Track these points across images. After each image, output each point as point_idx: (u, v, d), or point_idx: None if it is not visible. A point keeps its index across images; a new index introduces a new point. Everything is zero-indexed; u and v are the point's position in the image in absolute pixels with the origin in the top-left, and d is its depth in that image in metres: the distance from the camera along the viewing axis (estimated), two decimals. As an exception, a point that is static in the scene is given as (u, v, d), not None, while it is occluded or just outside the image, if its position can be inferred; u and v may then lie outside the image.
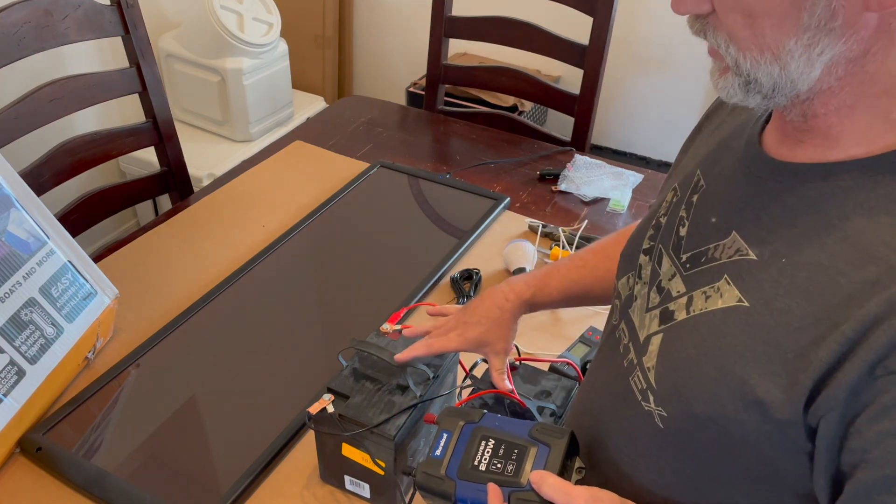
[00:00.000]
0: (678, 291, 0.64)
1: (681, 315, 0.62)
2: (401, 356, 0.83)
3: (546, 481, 0.62)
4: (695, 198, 0.66)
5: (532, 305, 0.89)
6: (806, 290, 0.53)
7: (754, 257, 0.58)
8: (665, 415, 0.62)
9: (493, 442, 0.67)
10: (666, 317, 0.64)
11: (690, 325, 0.61)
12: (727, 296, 0.58)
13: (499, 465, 0.65)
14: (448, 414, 0.71)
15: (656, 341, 0.64)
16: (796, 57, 0.51)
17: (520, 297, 0.87)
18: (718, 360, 0.57)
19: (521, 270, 1.19)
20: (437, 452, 0.69)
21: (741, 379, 0.55)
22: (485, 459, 0.66)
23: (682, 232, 0.66)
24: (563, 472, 0.64)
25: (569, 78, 2.63)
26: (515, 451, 0.66)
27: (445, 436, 0.70)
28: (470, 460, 0.67)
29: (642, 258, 0.71)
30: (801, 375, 0.52)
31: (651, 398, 0.63)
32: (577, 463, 0.66)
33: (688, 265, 0.64)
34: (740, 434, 0.56)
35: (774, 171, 0.59)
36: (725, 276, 0.59)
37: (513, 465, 0.65)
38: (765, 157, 0.60)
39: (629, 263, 0.74)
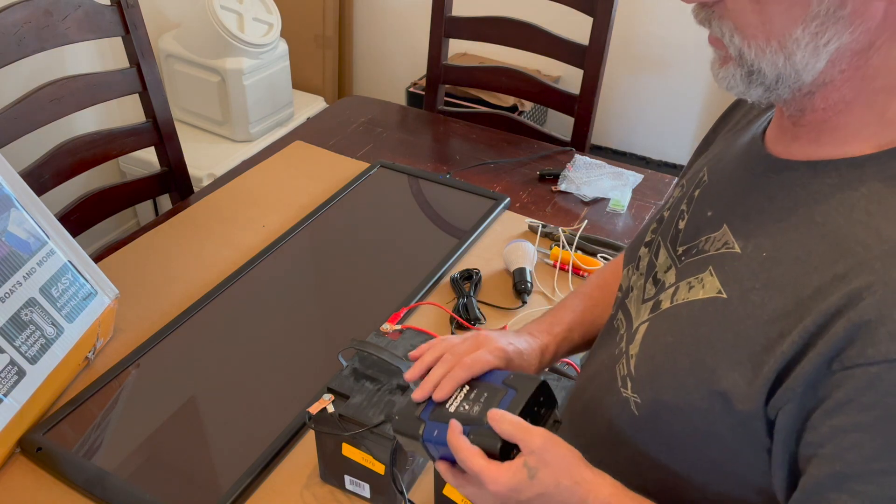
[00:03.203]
0: (670, 283, 0.65)
1: (665, 304, 0.63)
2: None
3: (505, 418, 0.62)
4: (696, 192, 0.67)
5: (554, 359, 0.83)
6: (781, 284, 0.54)
7: (738, 250, 0.58)
8: (639, 401, 0.63)
9: (467, 388, 0.69)
10: (655, 307, 0.65)
11: (671, 314, 0.62)
12: (708, 286, 0.59)
13: (467, 407, 0.67)
14: None
15: (642, 330, 0.65)
16: (802, 46, 0.50)
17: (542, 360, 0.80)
18: (692, 349, 0.58)
19: (521, 270, 1.19)
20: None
21: (710, 369, 0.56)
22: (456, 402, 0.68)
23: (681, 225, 0.67)
24: (536, 420, 0.65)
25: (569, 78, 2.63)
26: (486, 394, 0.67)
27: None
28: (443, 404, 0.68)
29: (642, 250, 0.72)
30: (765, 367, 0.52)
31: (629, 384, 0.64)
32: (555, 416, 0.67)
33: (683, 257, 0.65)
34: (705, 425, 0.57)
35: (768, 166, 0.60)
36: (710, 267, 0.60)
37: (480, 406, 0.66)
38: (763, 153, 0.61)
39: (631, 256, 0.75)
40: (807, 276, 0.52)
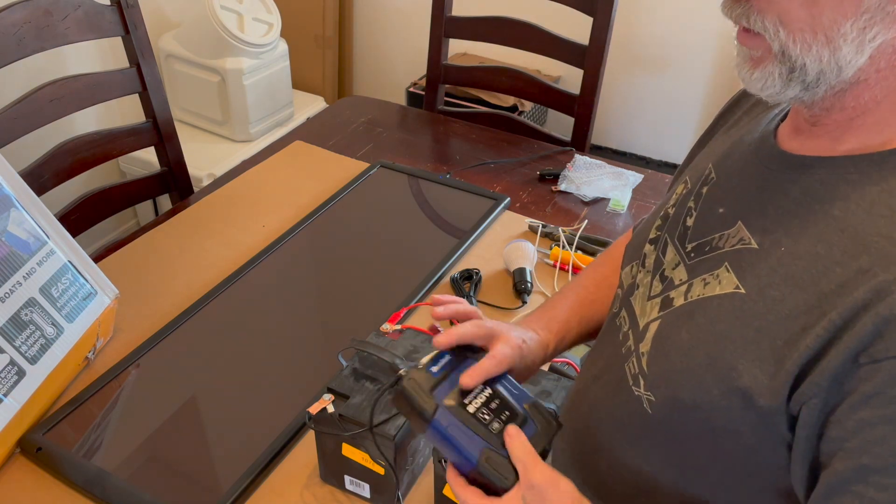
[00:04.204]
0: (680, 280, 0.64)
1: (679, 301, 0.63)
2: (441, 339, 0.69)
3: (518, 439, 0.61)
4: (704, 189, 0.67)
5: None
6: (800, 279, 0.54)
7: (755, 246, 0.58)
8: (653, 399, 0.62)
9: (489, 392, 0.65)
10: (666, 304, 0.65)
11: (686, 311, 0.62)
12: (725, 282, 0.59)
13: (487, 418, 0.63)
14: None
15: (653, 327, 0.65)
16: (849, 41, 0.50)
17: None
18: (709, 346, 0.58)
19: (521, 270, 1.19)
20: (434, 369, 0.64)
21: (729, 365, 0.56)
22: (476, 404, 0.64)
23: (689, 222, 0.66)
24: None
25: (569, 78, 2.63)
26: (506, 413, 0.64)
27: (448, 358, 0.66)
28: (461, 396, 0.64)
29: (647, 248, 0.72)
30: (787, 362, 0.52)
31: (642, 382, 0.64)
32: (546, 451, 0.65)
33: (692, 254, 0.64)
34: (723, 422, 0.57)
35: (784, 162, 0.60)
36: (726, 263, 0.60)
37: (499, 424, 0.63)
38: (776, 149, 0.61)
39: (634, 253, 0.74)
40: (828, 270, 0.52)
